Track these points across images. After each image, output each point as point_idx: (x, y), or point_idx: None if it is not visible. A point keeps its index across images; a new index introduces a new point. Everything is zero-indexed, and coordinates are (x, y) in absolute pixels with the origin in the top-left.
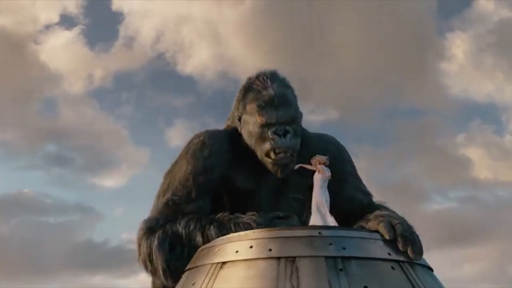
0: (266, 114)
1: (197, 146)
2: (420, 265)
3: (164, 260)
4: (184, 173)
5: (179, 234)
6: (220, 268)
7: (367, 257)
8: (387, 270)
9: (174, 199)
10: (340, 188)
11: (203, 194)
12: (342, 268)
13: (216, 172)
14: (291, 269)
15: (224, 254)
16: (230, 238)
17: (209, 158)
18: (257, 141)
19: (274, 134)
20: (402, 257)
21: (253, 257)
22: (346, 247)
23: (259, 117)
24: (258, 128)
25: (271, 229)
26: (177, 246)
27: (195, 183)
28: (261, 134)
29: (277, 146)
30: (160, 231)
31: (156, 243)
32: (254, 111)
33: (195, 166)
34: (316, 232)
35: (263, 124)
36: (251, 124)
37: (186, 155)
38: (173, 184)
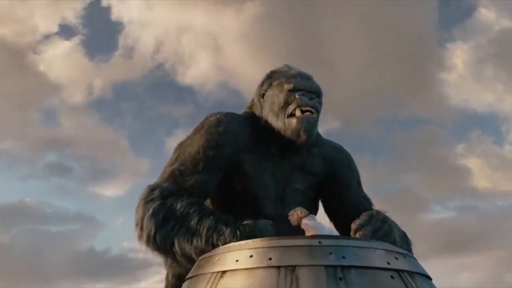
0: (295, 81)
1: (213, 122)
2: (419, 274)
3: (153, 227)
4: (196, 146)
5: (176, 211)
6: (220, 277)
7: (366, 266)
8: (386, 279)
9: (180, 169)
10: (347, 194)
11: (211, 169)
12: (341, 277)
13: (227, 150)
14: (291, 277)
15: (224, 263)
16: (230, 248)
17: (223, 134)
18: (282, 107)
19: (301, 96)
20: (401, 266)
21: (253, 266)
22: (346, 256)
23: (287, 84)
24: (284, 94)
25: (271, 239)
26: (170, 220)
27: (204, 156)
28: (287, 98)
29: (303, 104)
30: (159, 202)
31: (151, 211)
32: (281, 82)
33: (208, 140)
34: (316, 242)
35: (291, 89)
36: (276, 93)
37: (200, 130)
38: (183, 155)
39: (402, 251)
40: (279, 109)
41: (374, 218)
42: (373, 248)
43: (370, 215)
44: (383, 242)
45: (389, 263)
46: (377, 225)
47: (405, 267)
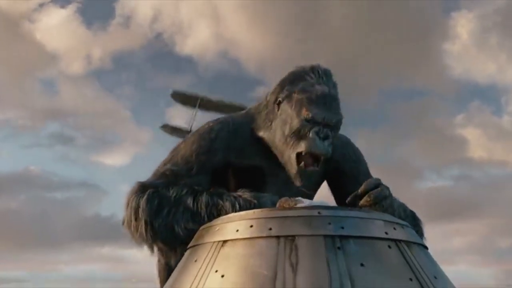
0: (315, 109)
1: (206, 130)
2: (416, 244)
3: (148, 215)
4: (189, 150)
5: (169, 196)
6: (221, 246)
7: (364, 236)
8: (384, 248)
9: (173, 169)
10: (354, 187)
11: (204, 172)
12: (340, 247)
13: (219, 155)
14: (290, 247)
15: (225, 233)
16: (230, 218)
17: (215, 141)
18: (292, 135)
19: (315, 134)
20: (399, 236)
21: (253, 236)
22: (345, 226)
23: (305, 110)
24: (299, 121)
25: (271, 209)
26: (165, 207)
27: (197, 160)
28: (300, 129)
29: (314, 149)
30: (151, 190)
31: (145, 199)
32: (301, 102)
33: (201, 145)
34: (316, 212)
35: (308, 119)
36: (292, 114)
37: (193, 136)
38: (176, 158)
39: (400, 222)
40: (288, 135)
41: (381, 185)
42: (372, 219)
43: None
44: (382, 213)
45: (387, 233)
46: (383, 193)
47: (403, 237)
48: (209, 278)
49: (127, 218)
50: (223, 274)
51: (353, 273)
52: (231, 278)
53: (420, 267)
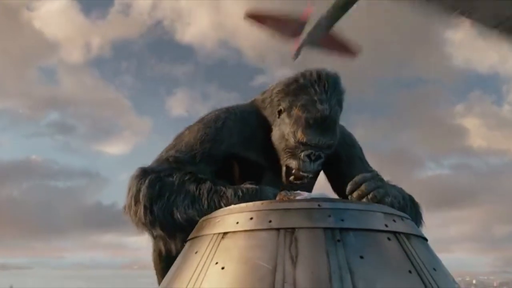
0: (310, 135)
1: (212, 117)
2: (415, 236)
3: (148, 199)
4: (193, 138)
5: (171, 182)
6: (221, 238)
7: (364, 229)
8: (383, 240)
9: (176, 156)
10: (349, 170)
11: (207, 161)
12: (339, 239)
13: (224, 145)
14: (290, 239)
15: (225, 225)
16: (231, 210)
17: (221, 130)
18: (286, 151)
19: (306, 157)
20: (399, 228)
21: (253, 228)
22: (345, 219)
23: (301, 133)
24: (294, 141)
25: (271, 202)
26: (166, 192)
27: (201, 148)
28: (294, 148)
29: (303, 170)
30: (153, 175)
31: (146, 184)
32: (299, 122)
33: (206, 133)
34: (316, 205)
35: (303, 143)
36: (289, 131)
37: (199, 123)
38: (180, 145)
39: (400, 214)
40: (284, 150)
41: (374, 177)
42: (372, 211)
43: (370, 175)
44: (382, 205)
45: (386, 225)
46: (377, 184)
47: (402, 229)
48: (209, 270)
49: (127, 203)
50: (223, 266)
51: (352, 265)
52: (231, 270)
53: (419, 259)
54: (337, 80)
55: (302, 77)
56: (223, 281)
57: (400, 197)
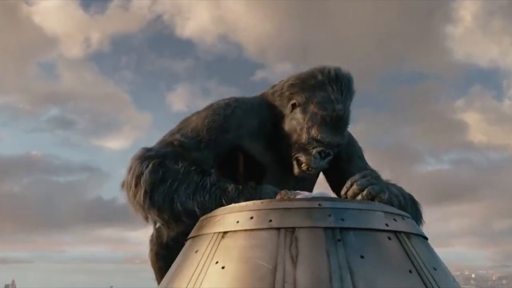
0: (324, 133)
1: (221, 105)
2: (416, 235)
3: (150, 183)
4: (201, 124)
5: (176, 169)
6: (222, 238)
7: (364, 228)
8: (384, 240)
9: (181, 140)
10: (349, 169)
11: (212, 148)
12: (340, 239)
13: (231, 135)
14: (290, 239)
15: (225, 224)
16: (231, 209)
17: (229, 118)
18: (297, 145)
19: (317, 154)
20: (399, 228)
21: (253, 228)
22: (345, 218)
23: (316, 131)
24: (307, 138)
25: (271, 201)
26: (168, 179)
27: (208, 135)
28: (306, 144)
29: (313, 166)
30: (157, 160)
31: (149, 168)
32: (315, 118)
33: (214, 120)
34: (316, 204)
35: (316, 139)
36: (303, 126)
37: (208, 109)
38: (186, 129)
39: (401, 213)
40: (294, 142)
41: (368, 175)
42: (372, 210)
43: (363, 173)
44: (382, 204)
45: (387, 224)
46: (371, 181)
47: (403, 228)
48: (209, 269)
49: (127, 182)
50: (223, 266)
51: (352, 265)
52: (232, 270)
53: (419, 259)
54: (351, 81)
55: (320, 73)
56: (223, 280)
57: (400, 196)
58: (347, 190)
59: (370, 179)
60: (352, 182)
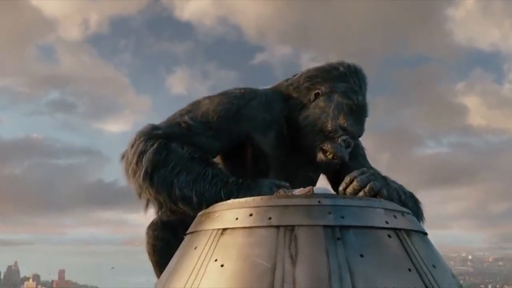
0: (352, 121)
1: (237, 94)
2: (416, 232)
3: (152, 164)
4: (212, 110)
5: (180, 153)
6: (221, 234)
7: (364, 226)
8: (384, 238)
9: (189, 123)
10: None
11: (220, 137)
12: (339, 237)
13: (242, 126)
14: (290, 237)
15: (225, 220)
16: (230, 205)
17: (243, 109)
18: (322, 133)
19: (343, 142)
20: (399, 225)
21: (252, 225)
22: (345, 216)
23: (343, 118)
24: (334, 125)
25: (270, 197)
26: (171, 162)
27: (218, 123)
28: (332, 131)
29: (338, 154)
30: (163, 141)
31: (155, 147)
32: (341, 107)
33: (227, 109)
34: (316, 201)
35: (343, 127)
36: (328, 113)
37: (222, 96)
38: (195, 112)
39: (401, 209)
40: (319, 130)
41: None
42: (373, 207)
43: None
44: (383, 201)
45: (387, 222)
46: (371, 177)
47: (403, 225)
48: (208, 267)
49: (128, 158)
50: (222, 264)
51: (352, 264)
52: (231, 268)
53: (419, 257)
54: (366, 76)
55: (341, 66)
56: (222, 279)
57: (400, 192)
58: (346, 186)
59: (370, 175)
60: (352, 178)
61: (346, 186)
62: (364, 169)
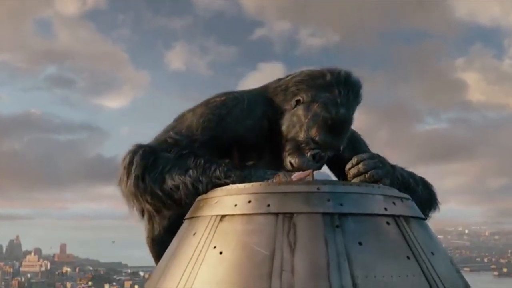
0: (323, 135)
1: (218, 103)
2: (414, 218)
3: (141, 169)
4: (195, 122)
5: (167, 156)
6: (219, 221)
7: (363, 213)
8: (382, 225)
9: (175, 138)
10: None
11: (206, 147)
12: (338, 225)
13: (227, 134)
14: (288, 225)
15: (223, 206)
16: (229, 191)
17: (225, 118)
18: (293, 142)
19: (311, 157)
20: (398, 211)
21: (251, 212)
22: (344, 203)
23: (316, 131)
24: (305, 137)
25: (269, 184)
26: (160, 165)
27: (202, 135)
28: (303, 142)
29: (305, 167)
30: (148, 148)
31: (139, 154)
32: (316, 118)
33: (209, 119)
34: (315, 188)
35: (314, 140)
36: (303, 123)
37: (203, 106)
38: (180, 127)
39: (400, 195)
40: (290, 139)
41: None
42: (372, 194)
43: (371, 154)
44: (383, 187)
45: (386, 208)
46: (377, 164)
47: (402, 212)
48: (207, 254)
49: (120, 176)
50: (221, 251)
51: (351, 252)
52: (229, 256)
53: (418, 244)
54: (360, 87)
55: (330, 74)
56: (221, 266)
57: (410, 179)
58: (351, 166)
59: (377, 162)
60: (359, 160)
61: (351, 166)
62: (374, 154)
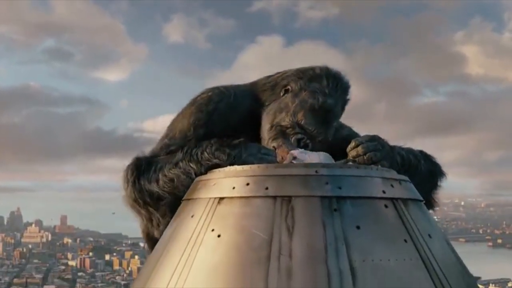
0: (309, 120)
1: (203, 100)
2: (412, 200)
3: (136, 173)
4: (186, 124)
5: (158, 158)
6: (217, 203)
7: (361, 196)
8: (380, 208)
9: (170, 144)
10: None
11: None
12: (336, 208)
13: (218, 128)
14: (286, 209)
15: (221, 189)
16: (227, 173)
17: (213, 114)
18: (278, 127)
19: (296, 142)
20: (396, 194)
21: (249, 195)
22: (342, 186)
23: (302, 116)
24: (292, 120)
25: (267, 166)
26: (152, 166)
27: (195, 134)
28: (288, 127)
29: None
30: (142, 156)
31: (135, 161)
32: (304, 103)
33: (198, 118)
34: (313, 171)
35: (299, 124)
36: (289, 108)
37: (191, 107)
38: (173, 132)
39: (399, 177)
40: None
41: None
42: (370, 177)
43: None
44: (381, 169)
45: (384, 191)
46: (377, 146)
47: (400, 194)
48: (205, 236)
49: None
50: (219, 234)
51: (348, 236)
52: (227, 239)
53: (415, 226)
54: (348, 88)
55: (319, 68)
56: (219, 249)
57: (411, 157)
58: (351, 148)
59: (377, 144)
60: (358, 143)
61: (351, 148)
62: (374, 136)
